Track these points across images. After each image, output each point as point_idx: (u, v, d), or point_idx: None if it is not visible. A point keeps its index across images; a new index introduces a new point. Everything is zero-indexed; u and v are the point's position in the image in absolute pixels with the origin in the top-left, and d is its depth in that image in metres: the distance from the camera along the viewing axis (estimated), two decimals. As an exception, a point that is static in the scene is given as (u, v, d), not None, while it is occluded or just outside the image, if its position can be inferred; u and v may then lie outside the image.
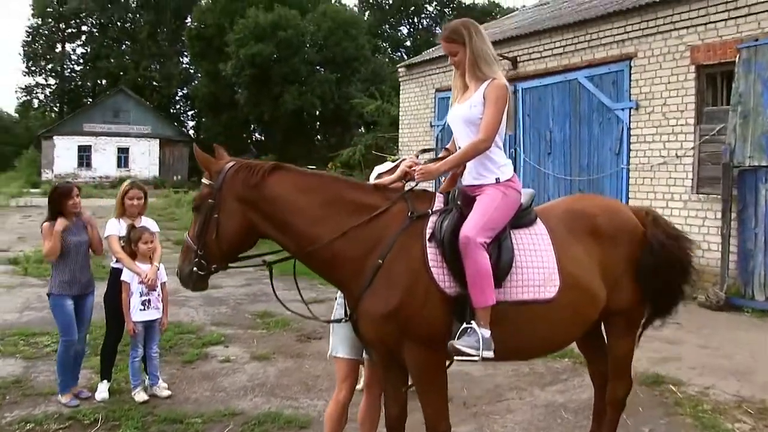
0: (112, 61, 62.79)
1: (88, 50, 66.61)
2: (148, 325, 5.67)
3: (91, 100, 60.09)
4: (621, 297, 3.81)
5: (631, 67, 11.45)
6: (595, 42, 12.14)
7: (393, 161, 4.11)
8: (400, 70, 18.76)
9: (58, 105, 67.77)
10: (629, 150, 11.43)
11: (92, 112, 51.23)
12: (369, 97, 32.25)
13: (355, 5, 63.82)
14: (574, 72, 12.53)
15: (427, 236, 3.38)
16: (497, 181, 3.52)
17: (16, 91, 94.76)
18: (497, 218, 3.42)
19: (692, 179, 10.44)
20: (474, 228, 3.29)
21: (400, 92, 18.67)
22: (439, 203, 3.54)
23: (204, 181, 3.56)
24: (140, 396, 5.52)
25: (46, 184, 42.95)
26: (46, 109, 69.19)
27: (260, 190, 3.43)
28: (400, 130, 18.59)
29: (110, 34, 64.75)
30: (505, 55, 14.12)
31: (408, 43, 65.26)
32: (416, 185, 3.60)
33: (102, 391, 5.59)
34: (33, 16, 66.64)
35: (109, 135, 49.94)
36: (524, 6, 20.56)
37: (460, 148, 3.60)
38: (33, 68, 67.13)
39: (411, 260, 3.36)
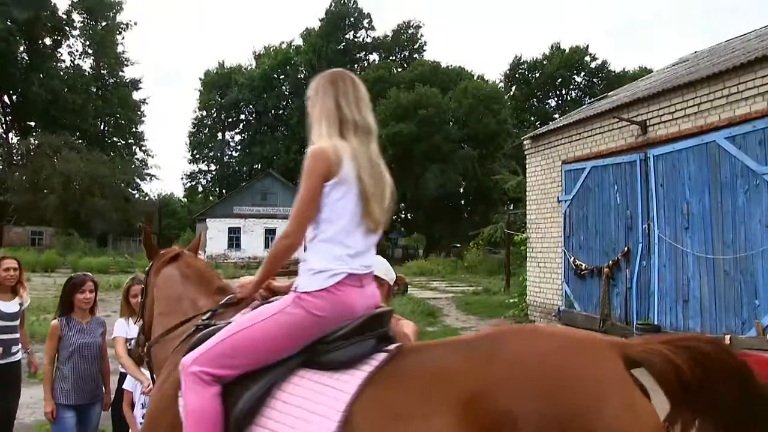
0: (266, 146, 66.10)
1: (245, 137, 70.82)
2: None
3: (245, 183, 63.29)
4: None
5: (782, 124, 9.57)
6: (734, 96, 10.34)
7: (519, 240, 3.08)
8: (525, 142, 17.51)
9: (217, 189, 72.03)
10: (785, 222, 9.45)
11: (242, 195, 53.65)
12: (511, 173, 31.17)
13: (499, 80, 63.29)
14: (712, 133, 10.74)
15: None
16: (295, 290, 2.47)
17: (182, 178, 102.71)
18: (248, 343, 2.40)
19: None
20: (198, 352, 2.45)
21: (527, 166, 17.37)
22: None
23: None
24: None
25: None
26: (208, 194, 73.71)
27: (154, 276, 3.41)
28: (527, 207, 17.20)
29: (264, 121, 68.38)
30: (633, 119, 12.58)
31: (556, 116, 63.71)
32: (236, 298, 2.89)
33: None
34: (198, 109, 72.21)
35: (258, 217, 51.92)
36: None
37: None
38: (197, 155, 72.28)
39: (168, 383, 2.66)
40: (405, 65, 61.75)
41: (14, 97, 61.96)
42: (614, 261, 13.16)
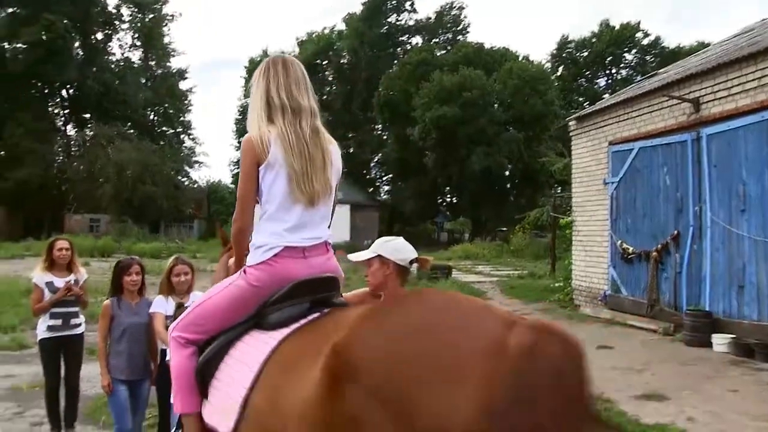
0: (311, 132, 66.28)
1: (290, 123, 71.24)
2: None
3: (293, 171, 63.67)
4: None
5: None
6: (797, 69, 9.76)
7: (565, 223, 3.04)
8: (570, 123, 16.98)
9: (264, 176, 72.64)
10: None
11: (289, 180, 53.70)
12: (558, 155, 30.50)
13: (546, 61, 62.02)
14: (772, 109, 10.16)
15: None
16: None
17: (229, 164, 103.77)
18: (209, 312, 2.79)
19: None
20: (177, 321, 2.88)
21: (572, 147, 16.85)
22: None
23: None
24: None
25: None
26: (256, 181, 74.37)
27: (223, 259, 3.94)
28: (573, 189, 16.70)
29: (309, 107, 68.58)
30: (685, 97, 11.99)
31: (605, 96, 62.13)
32: None
33: None
34: (243, 96, 72.73)
35: (302, 203, 51.90)
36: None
37: None
38: (243, 143, 72.85)
39: None
40: (448, 47, 60.80)
41: (71, 90, 63.97)
42: (663, 244, 12.65)
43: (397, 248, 3.24)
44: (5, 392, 7.75)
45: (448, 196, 61.19)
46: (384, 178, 70.61)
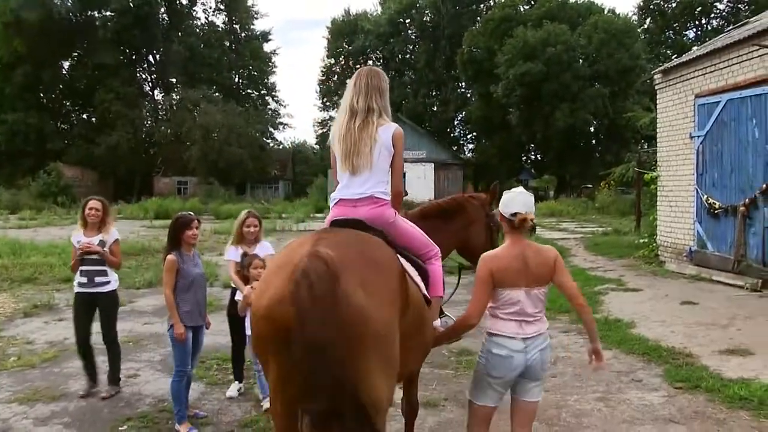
0: (394, 91, 66.35)
1: (374, 83, 71.41)
2: None
3: (374, 129, 63.98)
4: None
5: None
6: None
7: (650, 178, 3.62)
8: (656, 76, 16.66)
9: (348, 135, 73.29)
10: None
11: (372, 140, 54.01)
12: (645, 110, 29.78)
13: (632, 13, 59.82)
14: None
15: None
16: None
17: (313, 125, 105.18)
18: None
19: None
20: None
21: (657, 101, 16.57)
22: None
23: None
24: (267, 404, 5.69)
25: (329, 209, 46.23)
26: (340, 140, 75.19)
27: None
28: (658, 144, 16.47)
29: (392, 66, 68.60)
30: (764, 43, 11.68)
31: (695, 48, 59.44)
32: None
33: (232, 390, 6.29)
34: (326, 57, 73.42)
35: (387, 161, 52.21)
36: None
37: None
38: (327, 103, 73.76)
39: None
40: (532, 2, 59.47)
41: (158, 56, 66.01)
42: (751, 199, 12.46)
43: (504, 201, 3.89)
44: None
45: (533, 153, 60.50)
46: (468, 136, 70.31)
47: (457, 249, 4.96)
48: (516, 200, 3.78)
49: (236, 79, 72.04)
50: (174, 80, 66.66)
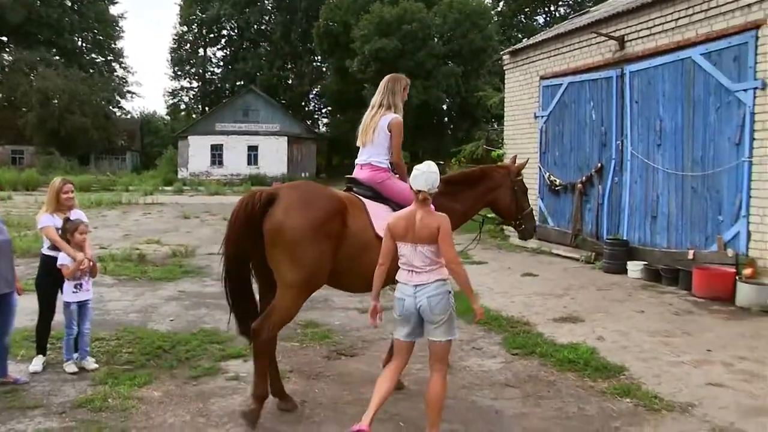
0: (249, 62, 64.87)
1: (227, 53, 69.30)
2: (81, 305, 6.01)
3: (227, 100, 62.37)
4: None
5: (757, 38, 9.37)
6: (713, 11, 10.21)
7: (496, 155, 4.21)
8: (504, 57, 17.31)
9: (200, 106, 70.96)
10: (752, 139, 9.48)
11: (224, 112, 52.95)
12: (495, 90, 30.87)
13: (487, -5, 61.67)
14: (688, 49, 10.68)
15: None
16: None
17: (163, 95, 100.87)
18: None
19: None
20: None
21: (505, 81, 17.25)
22: None
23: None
24: (71, 368, 5.88)
25: (179, 182, 44.76)
26: (191, 111, 72.65)
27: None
28: (505, 123, 17.19)
29: (247, 37, 66.94)
30: (611, 35, 12.44)
31: (542, 33, 62.25)
32: None
33: (36, 364, 5.97)
34: (179, 24, 70.32)
35: (240, 134, 51.48)
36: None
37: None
38: (179, 72, 70.90)
39: None
40: (390, -22, 60.01)
41: (-14, 11, 59.92)
42: (588, 177, 13.28)
43: (412, 176, 4.32)
44: None
45: (387, 129, 61.15)
46: (323, 111, 70.07)
47: (491, 208, 6.04)
48: (419, 179, 4.24)
49: (79, 43, 67.31)
50: (5, 39, 61.25)
